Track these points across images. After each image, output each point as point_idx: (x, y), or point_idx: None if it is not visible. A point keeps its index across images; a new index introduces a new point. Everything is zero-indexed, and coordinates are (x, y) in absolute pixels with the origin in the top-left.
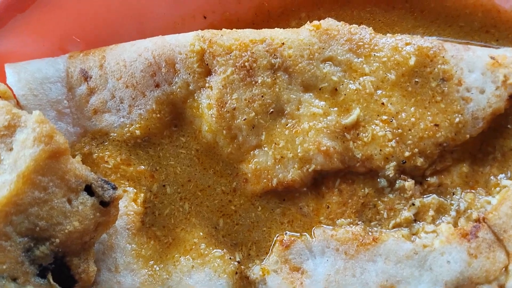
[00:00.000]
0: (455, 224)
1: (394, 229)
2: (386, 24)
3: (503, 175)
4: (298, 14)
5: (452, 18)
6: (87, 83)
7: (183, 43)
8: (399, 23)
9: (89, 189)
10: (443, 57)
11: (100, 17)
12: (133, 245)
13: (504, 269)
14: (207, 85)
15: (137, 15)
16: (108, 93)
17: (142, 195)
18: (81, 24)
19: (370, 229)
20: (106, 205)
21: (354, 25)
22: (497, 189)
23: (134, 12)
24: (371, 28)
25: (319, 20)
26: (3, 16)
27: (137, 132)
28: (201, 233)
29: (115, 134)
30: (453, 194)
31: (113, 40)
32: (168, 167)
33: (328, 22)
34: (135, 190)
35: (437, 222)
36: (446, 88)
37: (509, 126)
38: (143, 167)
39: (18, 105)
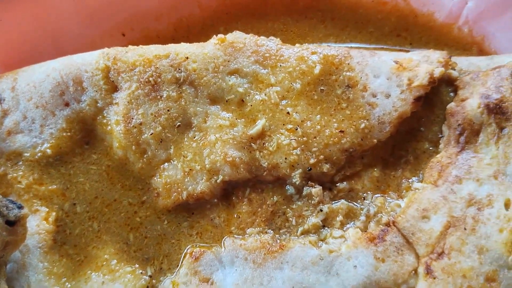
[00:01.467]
0: (365, 229)
1: (302, 236)
2: (298, 34)
3: (416, 178)
4: (217, 28)
5: (362, 25)
6: (1, 106)
7: (88, 61)
8: (310, 33)
9: None
10: (349, 64)
11: (17, 40)
12: (45, 263)
13: (413, 272)
14: (114, 101)
15: (54, 36)
16: (20, 114)
17: (54, 213)
18: None
19: (279, 237)
20: (12, 224)
21: (262, 37)
22: (409, 192)
23: (51, 33)
24: (279, 39)
25: None
26: None
27: (49, 151)
28: (112, 250)
29: (28, 154)
30: (364, 199)
31: (33, 62)
32: (78, 185)
33: (235, 35)
34: (47, 209)
35: (345, 228)
36: (351, 95)
37: (422, 128)
38: (55, 186)
39: None
